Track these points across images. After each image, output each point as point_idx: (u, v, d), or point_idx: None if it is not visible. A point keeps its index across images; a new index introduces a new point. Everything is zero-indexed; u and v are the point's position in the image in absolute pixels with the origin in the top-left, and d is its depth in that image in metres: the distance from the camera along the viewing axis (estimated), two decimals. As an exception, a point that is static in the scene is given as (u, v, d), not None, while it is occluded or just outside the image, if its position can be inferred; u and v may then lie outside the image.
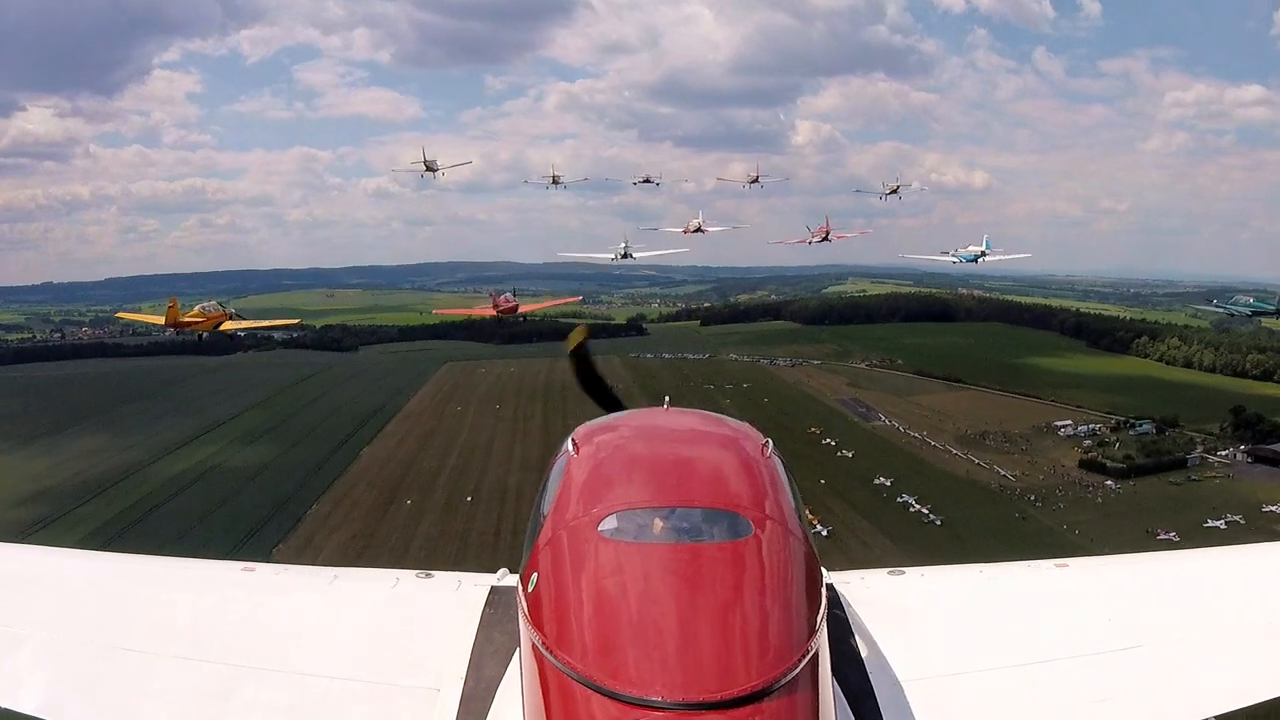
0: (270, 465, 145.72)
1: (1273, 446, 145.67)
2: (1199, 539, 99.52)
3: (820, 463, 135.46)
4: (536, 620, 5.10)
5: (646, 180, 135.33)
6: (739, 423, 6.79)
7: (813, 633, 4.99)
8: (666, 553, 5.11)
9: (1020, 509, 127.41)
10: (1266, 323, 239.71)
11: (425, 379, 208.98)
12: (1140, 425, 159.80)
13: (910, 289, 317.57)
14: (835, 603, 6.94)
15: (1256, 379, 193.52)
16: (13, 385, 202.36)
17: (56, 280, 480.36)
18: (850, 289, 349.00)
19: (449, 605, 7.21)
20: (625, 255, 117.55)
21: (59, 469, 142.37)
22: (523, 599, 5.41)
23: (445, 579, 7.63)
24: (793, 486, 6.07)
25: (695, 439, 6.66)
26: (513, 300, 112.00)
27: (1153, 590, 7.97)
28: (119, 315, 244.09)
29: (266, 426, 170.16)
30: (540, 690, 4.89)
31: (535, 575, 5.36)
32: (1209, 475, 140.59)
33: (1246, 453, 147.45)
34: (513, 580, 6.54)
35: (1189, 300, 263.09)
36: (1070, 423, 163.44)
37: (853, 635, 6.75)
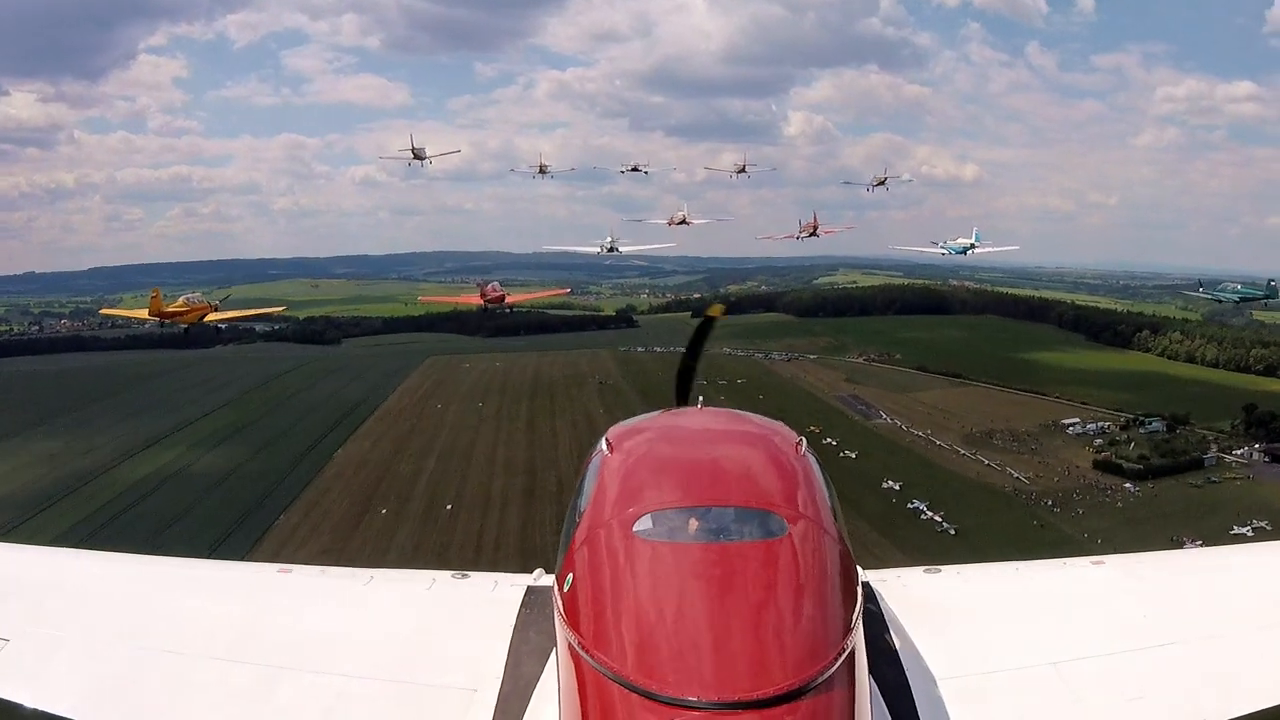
0: (239, 469, 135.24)
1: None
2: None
3: (823, 465, 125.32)
4: (573, 620, 5.17)
5: (635, 169, 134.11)
6: (772, 421, 7.00)
7: (849, 631, 5.06)
8: (701, 552, 5.17)
9: (1038, 515, 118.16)
10: (1258, 315, 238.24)
11: (407, 374, 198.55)
12: (1150, 423, 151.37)
13: (902, 281, 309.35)
14: (871, 600, 6.94)
15: (1261, 374, 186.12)
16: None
17: (40, 270, 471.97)
18: (841, 280, 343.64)
19: (485, 606, 7.25)
20: (611, 249, 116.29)
21: (14, 475, 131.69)
22: (558, 599, 5.48)
23: (481, 579, 7.70)
24: (827, 484, 6.30)
25: (728, 438, 6.79)
26: (500, 290, 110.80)
27: (1187, 587, 7.90)
28: (102, 311, 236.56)
29: (239, 425, 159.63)
30: (577, 690, 4.93)
31: (571, 576, 5.42)
32: (1228, 476, 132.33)
33: (1263, 452, 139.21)
34: (548, 580, 6.49)
35: (1178, 291, 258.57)
36: (1078, 420, 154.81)
37: (889, 633, 6.76)
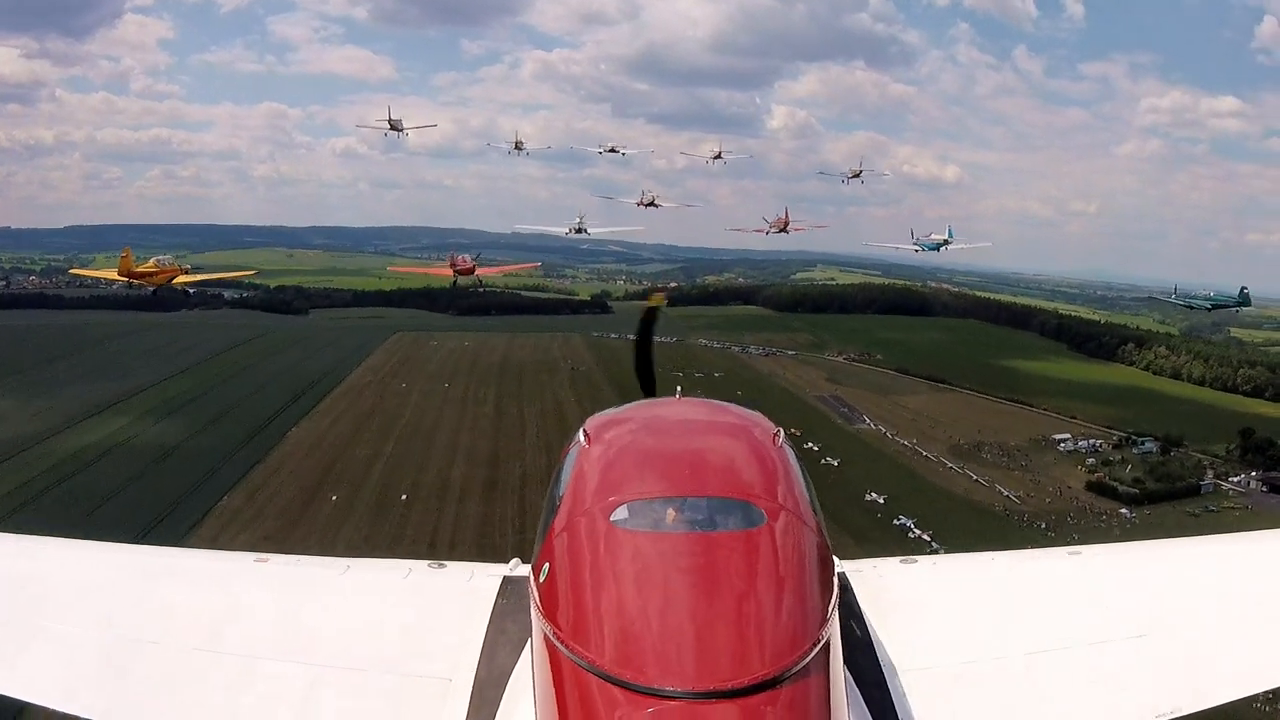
0: (185, 444, 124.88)
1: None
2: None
3: (800, 457, 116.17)
4: (549, 611, 5.09)
5: (613, 150, 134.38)
6: (750, 412, 6.79)
7: (825, 621, 4.99)
8: (679, 543, 5.09)
9: (1032, 539, 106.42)
10: (1236, 331, 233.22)
11: (371, 349, 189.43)
12: (1143, 443, 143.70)
13: (882, 280, 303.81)
14: (847, 591, 6.77)
15: (1248, 395, 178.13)
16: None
17: (16, 226, 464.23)
18: (819, 276, 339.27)
19: (461, 595, 7.07)
20: (580, 230, 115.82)
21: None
22: (535, 589, 5.41)
23: (458, 569, 7.56)
24: (805, 475, 6.06)
25: (706, 429, 6.63)
26: (470, 262, 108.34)
27: (1164, 578, 7.79)
28: (71, 271, 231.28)
29: (192, 395, 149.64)
30: (552, 680, 4.86)
31: (547, 566, 5.34)
32: (1227, 506, 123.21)
33: (1261, 482, 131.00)
34: (525, 570, 6.49)
35: (1156, 301, 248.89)
36: (1069, 436, 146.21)
37: (864, 623, 6.67)
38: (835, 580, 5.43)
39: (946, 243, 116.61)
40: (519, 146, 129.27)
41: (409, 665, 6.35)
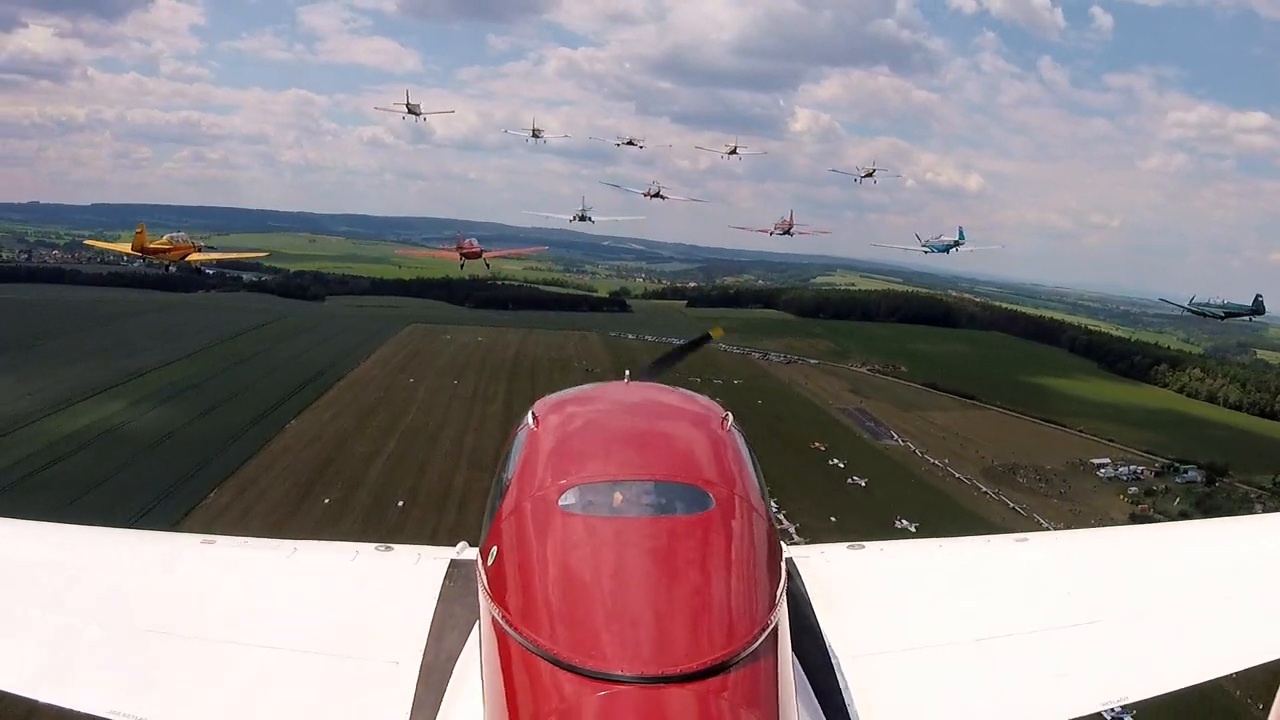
0: (177, 433, 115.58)
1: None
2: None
3: (828, 492, 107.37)
4: (497, 594, 5.07)
5: (630, 142, 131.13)
6: (698, 396, 6.81)
7: (773, 606, 4.99)
8: (627, 526, 5.07)
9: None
10: (1263, 354, 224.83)
11: (383, 340, 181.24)
12: (1187, 471, 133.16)
13: (905, 288, 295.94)
14: (794, 576, 6.74)
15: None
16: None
17: (44, 200, 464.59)
18: (839, 281, 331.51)
19: (408, 578, 6.94)
20: (583, 217, 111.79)
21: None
22: (482, 573, 5.39)
23: (405, 552, 7.41)
24: (753, 460, 6.05)
25: (655, 412, 6.63)
26: (476, 245, 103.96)
27: (1112, 566, 7.69)
28: (88, 243, 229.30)
29: (194, 380, 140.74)
30: (500, 664, 4.83)
31: (495, 549, 5.32)
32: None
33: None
34: (472, 554, 6.45)
35: (1180, 324, 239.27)
36: (1108, 461, 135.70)
37: (811, 609, 6.57)
38: (783, 565, 5.41)
39: (957, 244, 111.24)
40: (536, 134, 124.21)
41: (356, 648, 6.11)
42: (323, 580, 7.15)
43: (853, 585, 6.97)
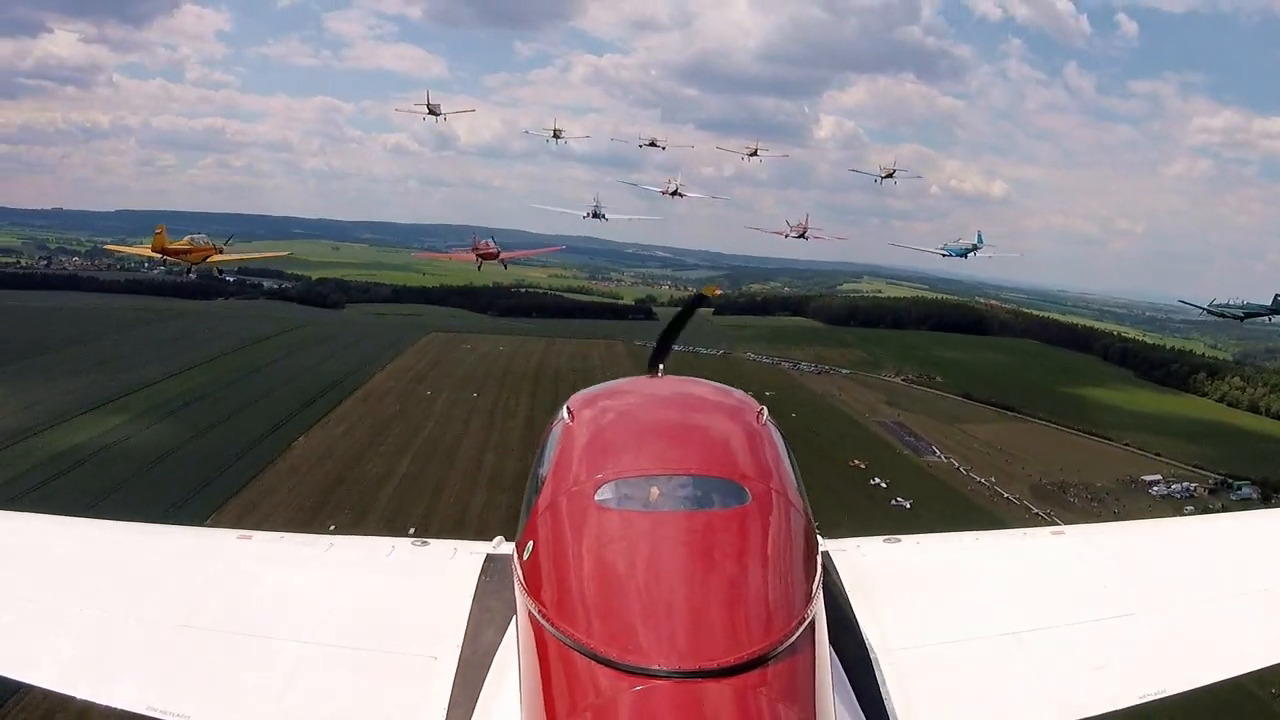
0: (182, 448, 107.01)
1: None
2: None
3: (871, 515, 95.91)
4: (533, 588, 4.97)
5: (653, 143, 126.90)
6: (733, 390, 6.59)
7: (809, 599, 4.90)
8: (663, 520, 4.95)
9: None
10: None
11: (402, 349, 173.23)
12: (1240, 488, 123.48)
13: (934, 295, 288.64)
14: (830, 570, 6.61)
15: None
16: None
17: (68, 207, 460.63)
18: (865, 288, 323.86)
19: (444, 573, 6.82)
20: (596, 214, 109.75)
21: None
22: (518, 567, 5.30)
23: (440, 547, 7.26)
24: (789, 453, 5.92)
25: (690, 406, 6.44)
26: (494, 246, 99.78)
27: (1149, 558, 7.60)
28: (108, 248, 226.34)
29: (202, 392, 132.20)
30: (537, 658, 4.75)
31: (531, 543, 5.22)
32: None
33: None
34: (508, 548, 6.37)
35: (1206, 329, 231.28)
36: (1159, 477, 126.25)
37: (848, 602, 6.50)
38: (819, 559, 5.34)
39: (975, 248, 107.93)
40: (557, 135, 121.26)
41: (393, 642, 6.07)
42: (359, 575, 6.97)
43: (889, 579, 6.80)
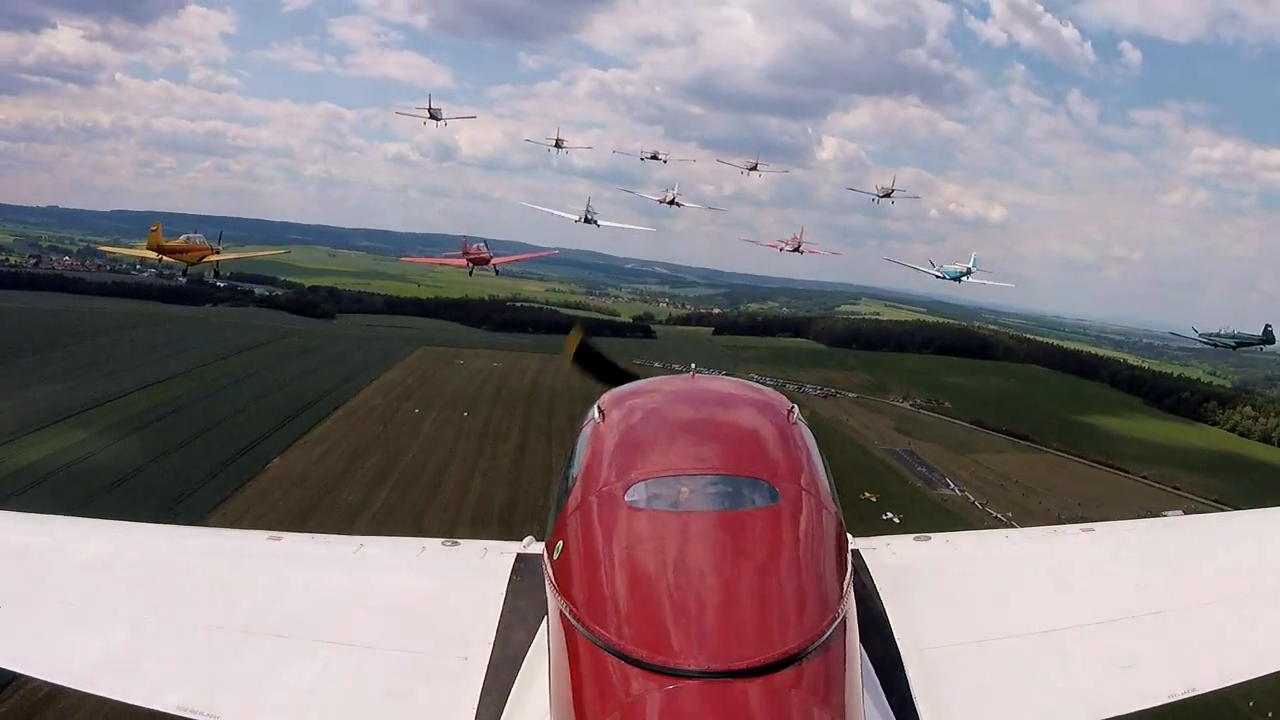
0: (143, 469, 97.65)
1: None
2: None
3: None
4: (564, 588, 4.95)
5: (654, 156, 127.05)
6: (764, 389, 6.54)
7: (840, 598, 4.87)
8: (694, 520, 4.90)
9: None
10: None
11: (390, 364, 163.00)
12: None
13: (935, 319, 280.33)
14: (861, 567, 6.42)
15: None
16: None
17: (64, 205, 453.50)
18: (864, 310, 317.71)
19: (475, 573, 6.67)
20: (588, 219, 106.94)
21: None
22: (549, 567, 5.28)
23: (471, 547, 7.09)
24: (820, 452, 5.89)
25: (721, 405, 6.27)
26: (485, 251, 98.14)
27: (1182, 555, 7.33)
28: (100, 248, 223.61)
29: (175, 406, 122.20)
30: (568, 659, 4.73)
31: (561, 543, 5.18)
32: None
33: None
34: (539, 548, 6.22)
35: (1204, 357, 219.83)
36: (1180, 512, 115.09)
37: (879, 601, 6.29)
38: (850, 557, 5.29)
39: (968, 272, 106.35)
40: (559, 144, 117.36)
41: (424, 644, 6.01)
42: (389, 576, 6.92)
43: (920, 577, 6.59)
